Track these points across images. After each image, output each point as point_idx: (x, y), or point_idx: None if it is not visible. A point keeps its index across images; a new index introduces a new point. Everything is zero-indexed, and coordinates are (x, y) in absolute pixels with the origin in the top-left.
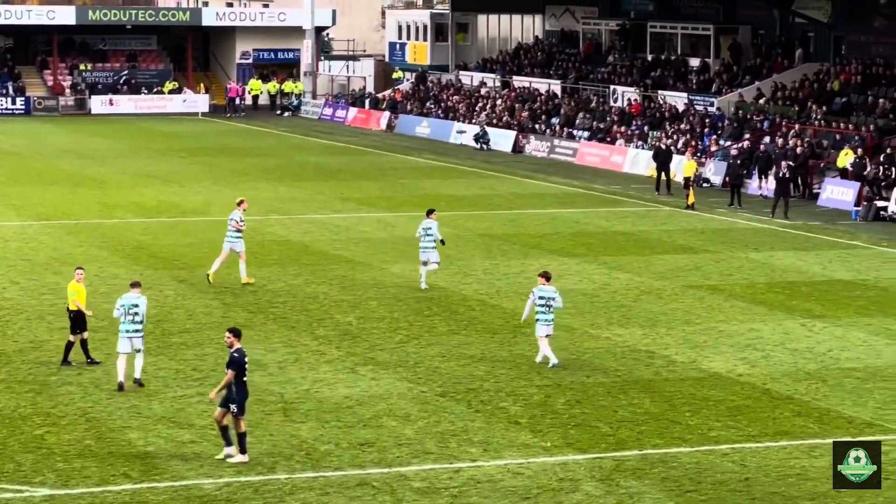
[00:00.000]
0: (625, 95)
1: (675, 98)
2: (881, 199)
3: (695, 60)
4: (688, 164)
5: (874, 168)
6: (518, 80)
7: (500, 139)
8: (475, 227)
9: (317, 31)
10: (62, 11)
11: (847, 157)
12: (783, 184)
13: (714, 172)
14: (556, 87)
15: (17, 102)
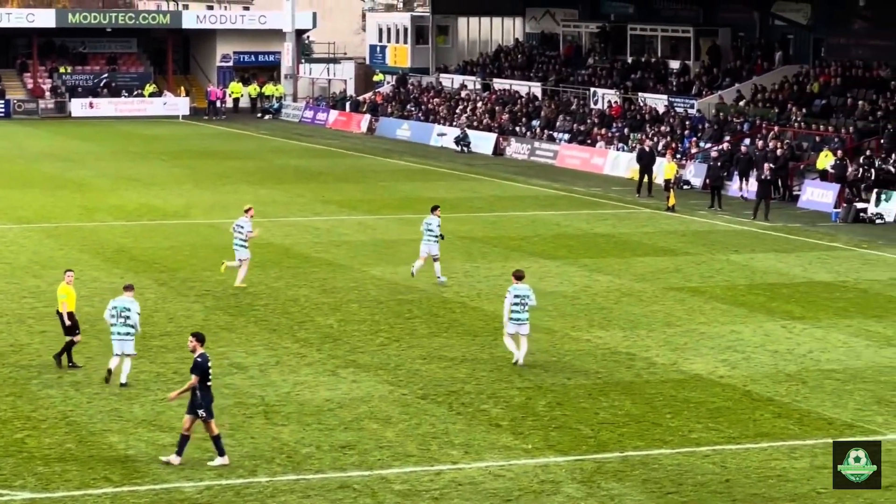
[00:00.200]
0: (605, 98)
1: (656, 100)
2: (861, 201)
3: (675, 63)
4: (668, 167)
5: (854, 170)
6: (498, 83)
7: (481, 142)
8: (456, 230)
9: (297, 34)
10: (42, 14)
11: (827, 159)
12: (765, 186)
13: (694, 174)
14: (537, 90)
15: None
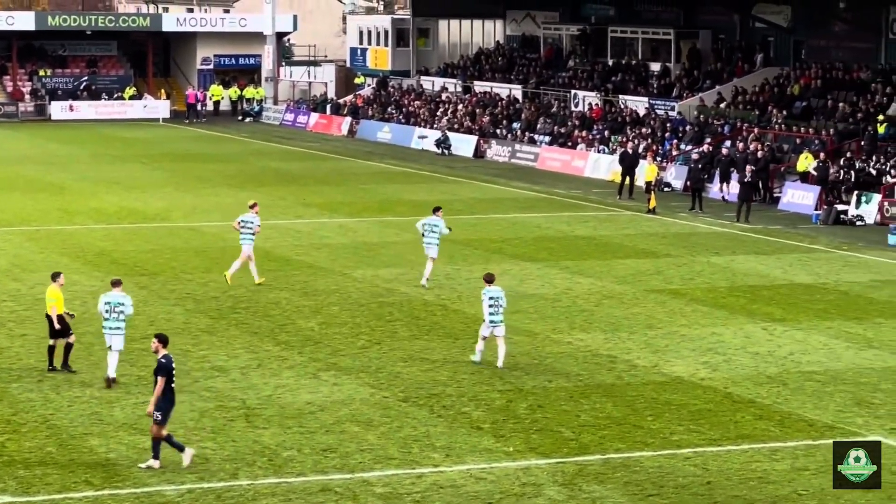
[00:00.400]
0: (586, 100)
1: (636, 102)
2: (841, 203)
3: (655, 65)
4: (649, 169)
5: (835, 172)
6: (479, 85)
7: (462, 144)
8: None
9: (278, 37)
10: (21, 17)
11: (807, 161)
12: (746, 188)
13: (675, 177)
14: (517, 92)
15: None
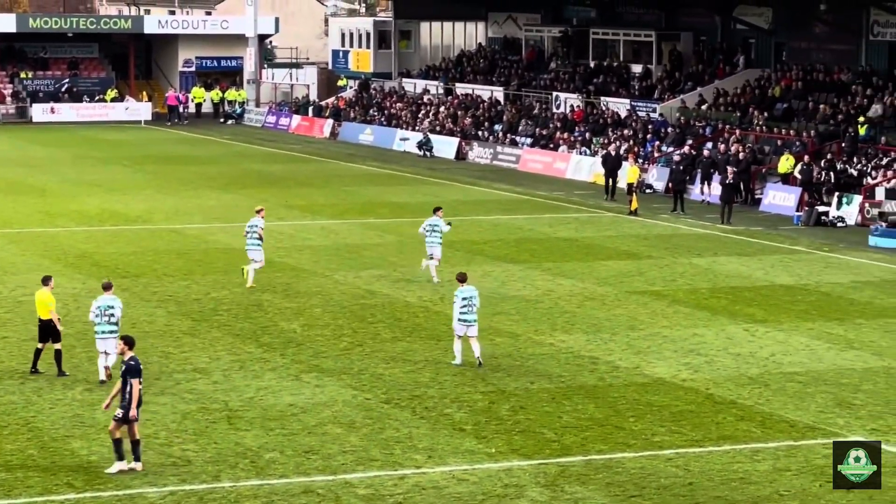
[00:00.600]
0: (567, 102)
1: (618, 104)
2: (822, 205)
3: (637, 67)
4: (631, 170)
5: (816, 173)
6: (461, 87)
7: (444, 146)
8: (419, 235)
9: (260, 39)
10: (2, 19)
11: (788, 163)
12: (728, 190)
13: (657, 178)
14: (499, 94)
15: None
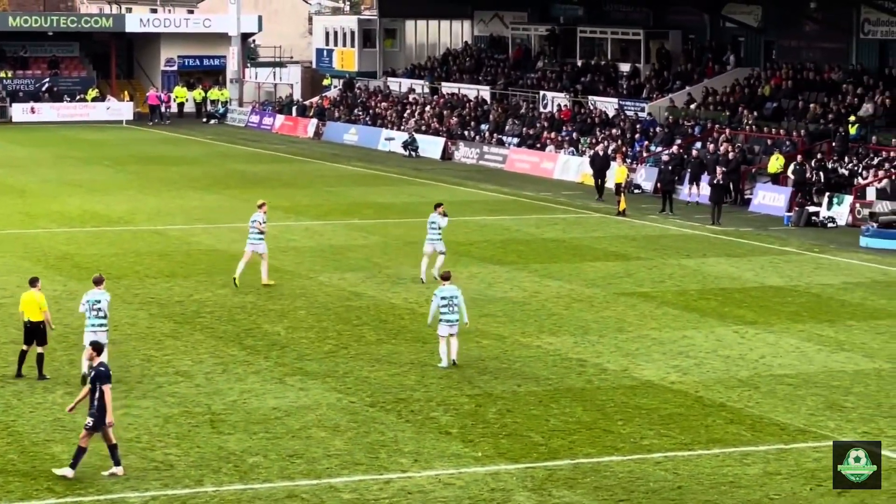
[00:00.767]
0: (554, 101)
1: (606, 103)
2: (813, 205)
3: (625, 65)
4: (619, 170)
5: (808, 174)
6: (447, 87)
7: (429, 146)
8: (404, 236)
9: (243, 38)
10: None
11: (778, 163)
12: (717, 190)
13: (645, 178)
14: (486, 93)
15: None
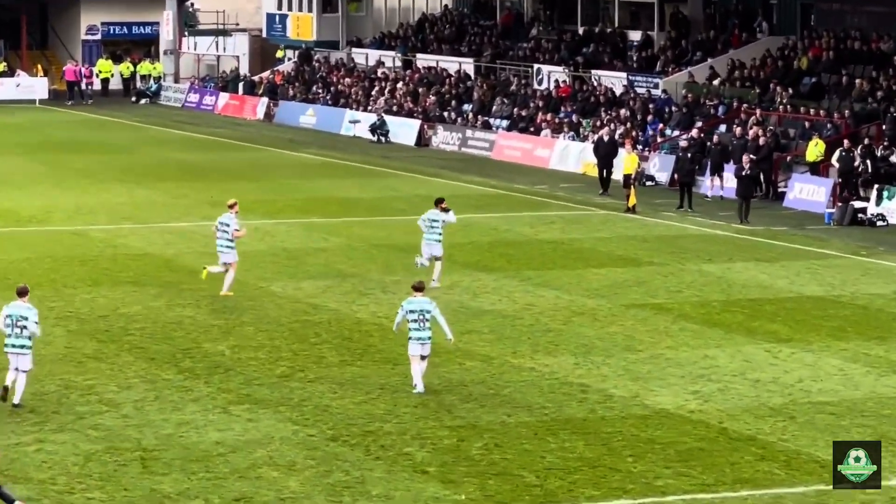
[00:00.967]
0: (551, 76)
1: (612, 79)
2: (859, 199)
3: (635, 34)
4: (628, 159)
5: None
6: (423, 59)
7: (402, 130)
8: (372, 237)
9: (179, 2)
10: None
11: (817, 149)
12: (745, 182)
13: (659, 168)
14: (469, 67)
15: None
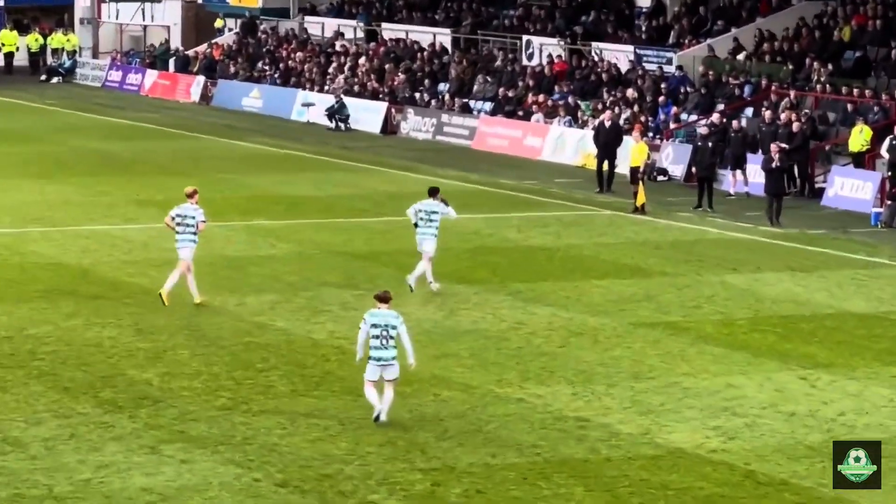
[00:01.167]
0: (544, 50)
1: (617, 53)
2: None
3: (644, 0)
4: (636, 150)
5: None
6: (389, 30)
7: (365, 114)
8: (329, 242)
9: None
10: None
11: (863, 137)
12: (775, 177)
13: (673, 161)
14: (445, 39)
15: None
